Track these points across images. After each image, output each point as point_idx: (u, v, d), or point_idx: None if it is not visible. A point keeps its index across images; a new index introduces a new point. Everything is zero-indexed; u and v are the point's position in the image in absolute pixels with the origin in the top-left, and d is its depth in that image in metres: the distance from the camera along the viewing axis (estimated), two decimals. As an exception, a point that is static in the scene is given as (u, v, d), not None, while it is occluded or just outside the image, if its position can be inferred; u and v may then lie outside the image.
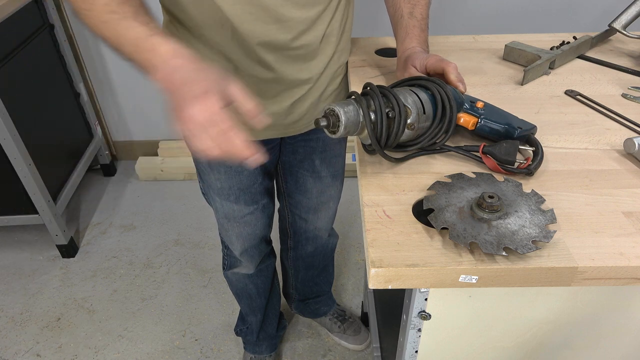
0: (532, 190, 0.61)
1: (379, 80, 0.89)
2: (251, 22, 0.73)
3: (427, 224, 0.57)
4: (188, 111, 0.55)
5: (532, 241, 0.52)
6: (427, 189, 0.62)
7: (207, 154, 0.55)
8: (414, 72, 0.77)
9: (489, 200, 0.55)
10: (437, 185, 0.62)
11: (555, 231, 0.54)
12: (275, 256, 1.31)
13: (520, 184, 0.61)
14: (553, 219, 0.56)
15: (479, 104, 0.70)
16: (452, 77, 0.72)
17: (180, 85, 0.57)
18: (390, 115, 0.62)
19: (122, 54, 0.64)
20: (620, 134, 0.73)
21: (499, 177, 0.63)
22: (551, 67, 0.92)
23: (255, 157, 0.55)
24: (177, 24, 0.80)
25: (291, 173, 1.11)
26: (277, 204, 1.20)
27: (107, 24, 0.62)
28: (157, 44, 0.60)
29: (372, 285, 0.53)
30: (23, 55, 1.66)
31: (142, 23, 0.61)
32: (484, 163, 0.65)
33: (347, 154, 1.20)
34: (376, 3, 1.92)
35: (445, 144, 0.69)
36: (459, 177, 0.63)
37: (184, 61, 0.59)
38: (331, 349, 1.55)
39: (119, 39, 0.62)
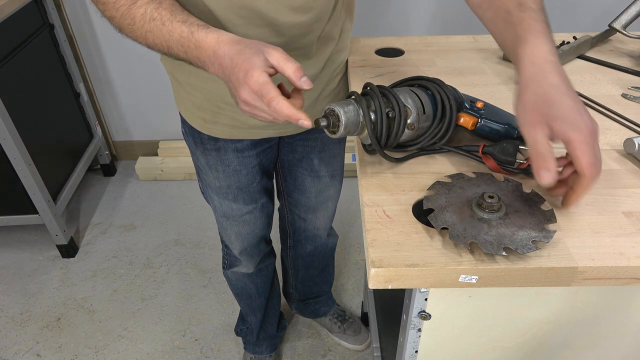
0: (532, 190, 0.61)
1: (379, 80, 0.89)
2: (243, 26, 0.73)
3: (427, 224, 0.57)
4: (238, 96, 0.59)
5: (532, 241, 0.52)
6: (427, 189, 0.62)
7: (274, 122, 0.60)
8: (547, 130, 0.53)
9: (489, 201, 0.55)
10: (437, 185, 0.62)
11: (555, 231, 0.54)
12: (275, 256, 1.31)
13: (520, 184, 0.61)
14: (553, 219, 0.56)
15: (479, 104, 0.70)
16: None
17: (228, 74, 0.59)
18: (390, 115, 0.62)
19: (174, 57, 0.65)
20: (620, 134, 0.73)
21: (499, 177, 0.63)
22: (551, 67, 0.92)
23: (303, 120, 0.57)
24: None
25: (290, 172, 1.11)
26: (277, 203, 1.20)
27: (152, 33, 0.64)
28: (201, 40, 0.61)
29: (372, 285, 0.53)
30: (23, 55, 1.66)
31: (181, 22, 0.63)
32: (484, 163, 0.65)
33: (347, 154, 1.20)
34: (376, 3, 1.92)
35: (445, 144, 0.69)
36: (459, 177, 0.63)
37: (227, 47, 0.60)
38: (331, 349, 1.55)
39: (167, 43, 0.64)
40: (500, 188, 0.61)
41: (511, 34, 0.59)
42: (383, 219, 0.58)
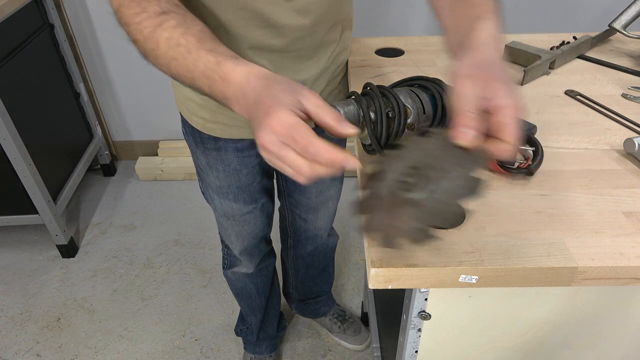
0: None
1: (379, 80, 0.89)
2: (245, 27, 0.73)
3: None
4: (257, 139, 0.48)
5: (459, 202, 0.47)
6: (361, 192, 0.53)
7: (302, 178, 0.47)
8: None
9: (405, 181, 0.48)
10: (368, 182, 0.53)
11: (481, 180, 0.46)
12: (275, 256, 1.31)
13: (447, 137, 0.49)
14: (481, 161, 0.46)
15: (479, 104, 0.70)
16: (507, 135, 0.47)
17: (250, 112, 0.50)
18: (390, 115, 0.62)
19: (198, 90, 0.58)
20: (620, 134, 0.73)
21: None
22: (551, 67, 0.92)
23: (352, 163, 0.46)
24: None
25: (291, 172, 1.10)
26: (277, 203, 1.20)
27: (176, 61, 0.57)
28: (228, 73, 0.53)
29: (372, 285, 0.53)
30: (23, 55, 1.66)
31: (208, 51, 0.55)
32: (484, 163, 0.65)
33: (347, 154, 1.19)
34: (376, 3, 1.92)
35: (445, 144, 0.68)
36: (387, 157, 0.53)
37: (256, 82, 0.51)
38: (331, 349, 1.55)
39: (191, 75, 0.56)
40: (428, 148, 0.51)
41: (471, 13, 0.60)
42: (383, 219, 0.58)
